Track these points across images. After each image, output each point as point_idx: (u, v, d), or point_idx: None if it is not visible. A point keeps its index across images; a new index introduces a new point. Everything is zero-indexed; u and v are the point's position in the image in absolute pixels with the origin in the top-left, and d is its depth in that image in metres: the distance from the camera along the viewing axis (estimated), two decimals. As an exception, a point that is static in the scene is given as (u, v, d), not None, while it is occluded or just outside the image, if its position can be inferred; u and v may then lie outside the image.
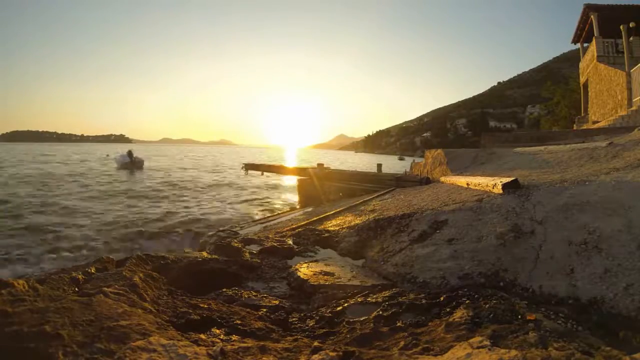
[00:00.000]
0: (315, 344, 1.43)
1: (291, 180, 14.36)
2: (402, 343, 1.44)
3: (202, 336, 1.41)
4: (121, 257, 2.33)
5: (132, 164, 22.74)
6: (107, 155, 39.57)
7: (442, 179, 5.97)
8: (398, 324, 1.68)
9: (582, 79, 15.94)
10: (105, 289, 1.57)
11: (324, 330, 1.74)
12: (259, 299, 2.12)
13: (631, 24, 11.47)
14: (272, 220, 6.54)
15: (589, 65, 14.25)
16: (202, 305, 1.80)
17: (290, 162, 31.85)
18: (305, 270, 2.66)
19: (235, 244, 3.11)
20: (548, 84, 23.77)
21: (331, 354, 1.27)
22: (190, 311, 1.69)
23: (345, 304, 2.03)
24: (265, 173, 12.32)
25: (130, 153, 23.32)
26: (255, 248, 3.24)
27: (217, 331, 1.54)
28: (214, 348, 1.23)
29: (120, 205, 10.68)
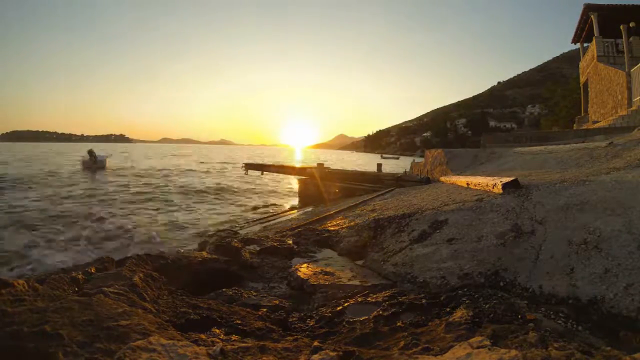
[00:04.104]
0: (315, 343, 1.43)
1: (291, 180, 14.35)
2: (402, 343, 1.44)
3: (202, 336, 1.41)
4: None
5: (93, 163, 21.28)
6: (111, 155, 39.45)
7: (442, 178, 5.97)
8: (398, 324, 1.68)
9: (582, 79, 15.93)
10: (105, 288, 1.57)
11: (324, 330, 1.74)
12: (259, 298, 2.12)
13: (631, 24, 11.47)
14: (272, 220, 6.55)
15: (589, 65, 14.25)
16: (202, 305, 1.80)
17: (291, 162, 31.88)
18: (305, 270, 2.66)
19: (235, 244, 3.10)
20: (548, 84, 23.80)
21: (331, 353, 1.27)
22: (190, 311, 1.69)
23: (345, 304, 2.03)
24: (265, 173, 12.32)
25: (91, 152, 21.67)
26: (255, 248, 3.23)
27: (217, 331, 1.53)
28: (214, 348, 1.23)
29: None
